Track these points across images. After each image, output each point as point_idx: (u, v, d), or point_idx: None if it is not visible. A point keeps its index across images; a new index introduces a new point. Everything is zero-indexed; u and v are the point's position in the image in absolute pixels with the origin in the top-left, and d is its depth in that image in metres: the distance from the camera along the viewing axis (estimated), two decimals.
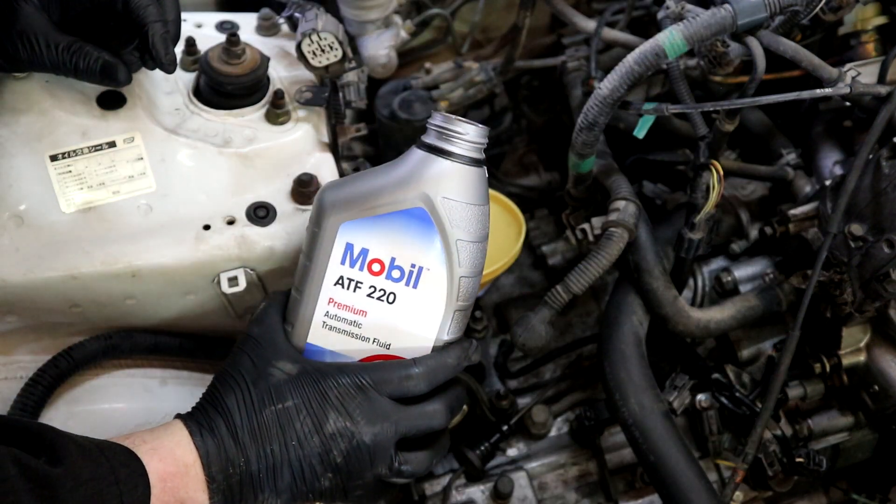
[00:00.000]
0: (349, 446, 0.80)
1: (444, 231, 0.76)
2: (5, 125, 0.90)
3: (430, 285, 0.78)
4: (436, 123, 0.78)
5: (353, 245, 0.77)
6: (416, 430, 0.83)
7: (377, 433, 0.80)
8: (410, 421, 0.82)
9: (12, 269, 0.87)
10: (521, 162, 1.60)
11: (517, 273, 1.42)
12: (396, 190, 0.76)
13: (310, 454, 0.79)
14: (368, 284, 0.79)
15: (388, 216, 0.76)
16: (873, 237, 0.97)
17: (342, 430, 0.79)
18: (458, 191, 0.76)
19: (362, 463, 0.80)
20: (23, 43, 0.85)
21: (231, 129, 0.97)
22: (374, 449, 0.80)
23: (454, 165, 0.76)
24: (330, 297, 0.81)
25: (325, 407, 0.80)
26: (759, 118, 1.27)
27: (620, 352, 1.05)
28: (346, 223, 0.77)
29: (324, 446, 0.79)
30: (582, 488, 1.16)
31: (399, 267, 0.78)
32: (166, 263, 0.90)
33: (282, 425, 0.79)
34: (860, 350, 1.06)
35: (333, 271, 0.79)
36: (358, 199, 0.77)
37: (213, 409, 0.81)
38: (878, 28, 1.12)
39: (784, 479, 1.06)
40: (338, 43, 0.99)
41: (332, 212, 0.78)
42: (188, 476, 0.76)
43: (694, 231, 1.06)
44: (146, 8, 0.87)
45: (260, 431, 0.79)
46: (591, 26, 1.22)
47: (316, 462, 0.79)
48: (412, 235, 0.76)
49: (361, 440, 0.80)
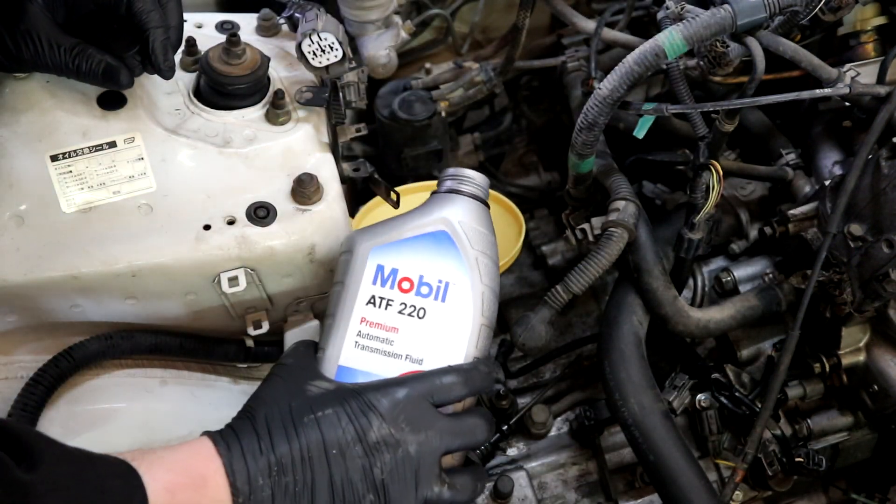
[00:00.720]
0: (394, 458, 0.75)
1: (464, 248, 0.85)
2: (6, 125, 0.91)
3: (457, 298, 0.84)
4: (449, 174, 0.90)
5: (384, 266, 0.84)
6: (460, 443, 0.79)
7: (422, 442, 0.76)
8: (454, 433, 0.78)
9: (13, 269, 0.87)
10: (521, 162, 1.60)
11: (517, 273, 1.42)
12: (420, 218, 0.86)
13: (351, 468, 0.74)
14: (399, 301, 0.84)
15: (414, 238, 0.85)
16: (873, 237, 0.97)
17: (387, 437, 0.75)
18: (472, 217, 0.87)
19: (407, 481, 0.75)
20: (26, 42, 0.85)
21: (231, 130, 0.97)
22: (419, 462, 0.76)
23: (467, 200, 0.88)
24: (362, 317, 0.84)
25: (369, 414, 0.76)
26: (758, 118, 1.27)
27: (620, 352, 1.05)
28: (376, 247, 0.85)
29: (367, 458, 0.74)
30: (582, 488, 1.16)
31: (427, 283, 0.84)
32: (166, 263, 0.90)
33: (322, 431, 0.75)
34: (860, 350, 1.06)
35: (365, 291, 0.84)
36: (386, 228, 0.87)
37: (243, 422, 0.77)
38: (878, 28, 1.12)
39: (784, 479, 1.06)
40: (338, 43, 0.99)
41: (363, 239, 0.86)
42: (204, 488, 0.71)
43: (694, 231, 1.06)
44: (149, 14, 0.87)
45: (298, 438, 0.74)
46: (591, 27, 1.22)
47: (357, 478, 0.74)
48: (437, 253, 0.84)
49: (407, 451, 0.75)
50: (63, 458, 0.66)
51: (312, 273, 0.97)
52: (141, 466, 0.70)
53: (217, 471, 0.72)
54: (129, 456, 0.71)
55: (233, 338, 1.03)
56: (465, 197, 0.88)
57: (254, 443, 0.74)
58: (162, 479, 0.70)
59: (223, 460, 0.73)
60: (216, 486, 0.72)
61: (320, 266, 0.96)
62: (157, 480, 0.69)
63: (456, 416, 0.81)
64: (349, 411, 0.76)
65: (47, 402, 0.92)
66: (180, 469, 0.71)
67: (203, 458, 0.73)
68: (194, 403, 1.00)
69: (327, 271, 0.97)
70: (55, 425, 0.91)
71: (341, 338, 0.84)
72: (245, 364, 1.06)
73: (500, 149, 1.58)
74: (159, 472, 0.70)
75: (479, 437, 0.81)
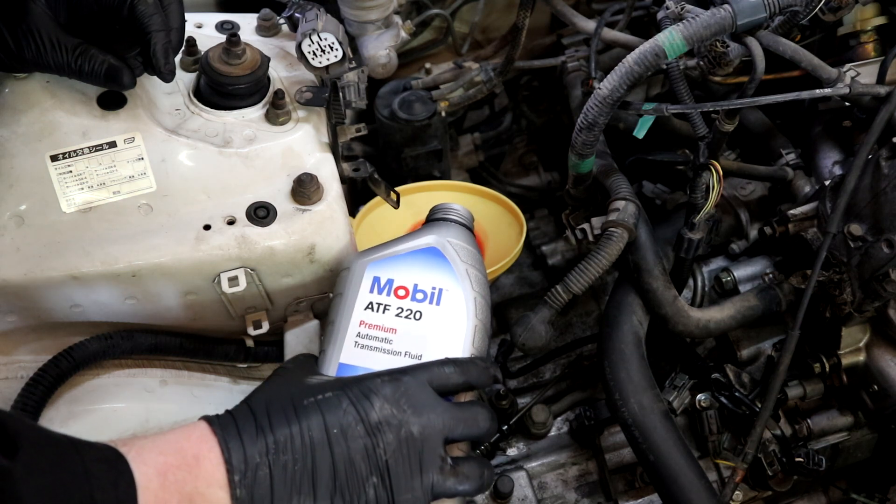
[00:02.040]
0: (397, 438, 0.72)
1: (454, 261, 0.89)
2: (6, 125, 0.90)
3: (451, 302, 0.87)
4: (437, 207, 0.97)
5: (380, 277, 0.89)
6: (463, 429, 0.77)
7: (425, 424, 0.74)
8: (457, 417, 0.76)
9: (13, 268, 0.87)
10: (521, 162, 1.60)
11: (517, 273, 1.42)
12: (412, 240, 0.92)
13: (353, 448, 0.71)
14: (396, 306, 0.87)
15: (408, 254, 0.90)
16: (872, 237, 0.97)
17: (389, 417, 0.73)
18: (459, 237, 0.92)
19: (411, 463, 0.73)
20: (28, 41, 0.85)
21: (231, 130, 0.97)
22: (422, 444, 0.73)
23: (453, 224, 0.94)
24: (361, 320, 0.87)
25: (370, 395, 0.74)
26: (758, 118, 1.27)
27: (620, 352, 1.05)
28: (372, 263, 0.89)
29: (370, 437, 0.72)
30: (582, 488, 1.16)
31: (422, 290, 0.88)
32: (166, 263, 0.90)
33: (323, 412, 0.72)
34: (859, 350, 1.06)
35: (363, 298, 0.88)
36: (381, 248, 0.92)
37: (241, 407, 0.74)
38: (878, 28, 1.12)
39: (783, 479, 1.06)
40: (338, 43, 0.99)
41: (360, 257, 0.91)
42: (198, 468, 0.68)
43: (694, 231, 1.06)
44: (151, 17, 0.87)
45: (298, 419, 0.71)
46: (591, 27, 1.22)
47: (360, 459, 0.71)
48: (429, 266, 0.89)
49: (410, 432, 0.73)
50: (45, 442, 0.64)
51: (312, 273, 0.97)
52: (130, 452, 0.67)
53: (211, 449, 0.69)
54: (120, 442, 0.69)
55: (233, 338, 1.03)
56: (451, 222, 0.94)
57: (251, 424, 0.72)
58: (153, 462, 0.67)
59: (217, 439, 0.70)
60: (210, 465, 0.69)
61: (320, 266, 0.96)
62: (148, 464, 0.67)
63: (457, 403, 0.80)
64: (350, 395, 0.74)
65: (47, 402, 0.92)
66: (172, 450, 0.69)
67: (196, 438, 0.70)
68: (194, 403, 1.00)
69: (327, 271, 0.97)
70: (55, 425, 0.91)
71: (341, 339, 0.86)
72: (245, 364, 1.06)
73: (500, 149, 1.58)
74: (150, 456, 0.68)
75: (483, 426, 0.78)
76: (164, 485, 0.66)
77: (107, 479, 0.64)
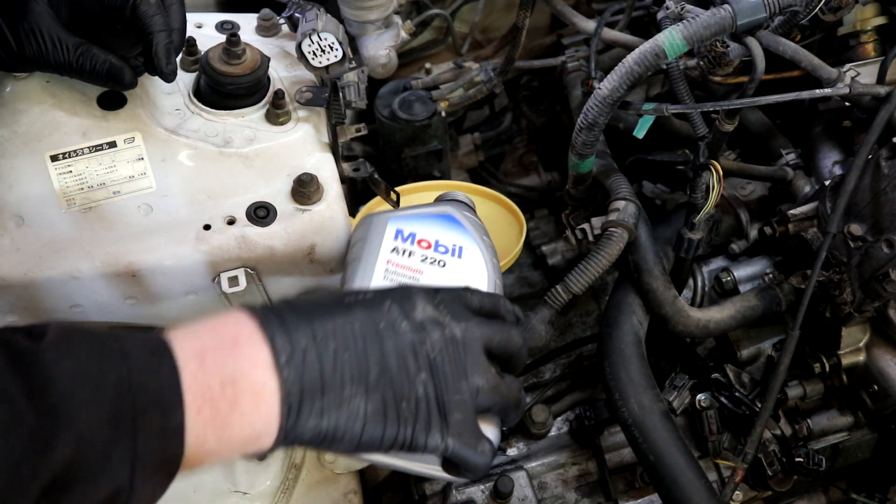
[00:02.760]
0: (442, 337, 0.70)
1: (470, 229, 0.92)
2: (5, 125, 0.90)
3: (471, 257, 0.91)
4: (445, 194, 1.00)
5: (402, 230, 0.91)
6: (500, 339, 0.73)
7: (465, 329, 0.71)
8: (493, 330, 0.73)
9: (13, 268, 0.87)
10: (521, 162, 1.61)
11: (517, 273, 1.42)
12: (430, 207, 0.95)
13: (402, 342, 0.68)
14: (420, 254, 0.90)
15: (427, 216, 0.93)
16: (872, 237, 0.97)
17: (432, 318, 0.70)
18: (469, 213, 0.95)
19: (458, 364, 0.69)
20: (30, 40, 0.85)
21: (231, 130, 0.97)
22: (465, 346, 0.70)
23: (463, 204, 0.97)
24: (388, 260, 0.89)
25: (412, 296, 0.71)
26: (758, 118, 1.27)
27: (620, 352, 1.05)
28: (392, 217, 0.92)
29: (416, 334, 0.69)
30: (582, 488, 1.16)
31: (444, 245, 0.91)
32: (166, 263, 0.90)
33: (368, 308, 0.69)
34: (859, 350, 1.06)
35: (388, 245, 0.90)
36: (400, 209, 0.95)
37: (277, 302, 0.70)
38: (878, 28, 1.12)
39: (783, 479, 1.06)
40: (338, 43, 0.99)
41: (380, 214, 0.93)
42: (238, 350, 0.63)
43: (694, 231, 1.07)
44: (153, 17, 0.87)
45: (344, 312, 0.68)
46: (591, 27, 1.22)
47: (409, 353, 0.68)
48: (447, 228, 0.92)
49: (453, 333, 0.70)
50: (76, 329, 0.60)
51: (312, 273, 0.97)
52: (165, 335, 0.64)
53: (253, 332, 0.64)
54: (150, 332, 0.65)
55: None
56: (459, 202, 0.97)
57: (292, 313, 0.67)
58: (188, 346, 0.62)
59: (258, 322, 0.65)
60: (252, 348, 0.63)
61: (320, 266, 0.96)
62: (183, 349, 0.62)
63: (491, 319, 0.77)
64: (392, 295, 0.72)
65: None
66: (208, 334, 0.64)
67: (233, 322, 0.65)
68: None
69: (327, 271, 0.97)
70: None
71: (370, 272, 0.87)
72: None
73: (500, 149, 1.58)
74: (185, 341, 0.63)
75: (517, 342, 0.75)
76: (203, 366, 0.62)
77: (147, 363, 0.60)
